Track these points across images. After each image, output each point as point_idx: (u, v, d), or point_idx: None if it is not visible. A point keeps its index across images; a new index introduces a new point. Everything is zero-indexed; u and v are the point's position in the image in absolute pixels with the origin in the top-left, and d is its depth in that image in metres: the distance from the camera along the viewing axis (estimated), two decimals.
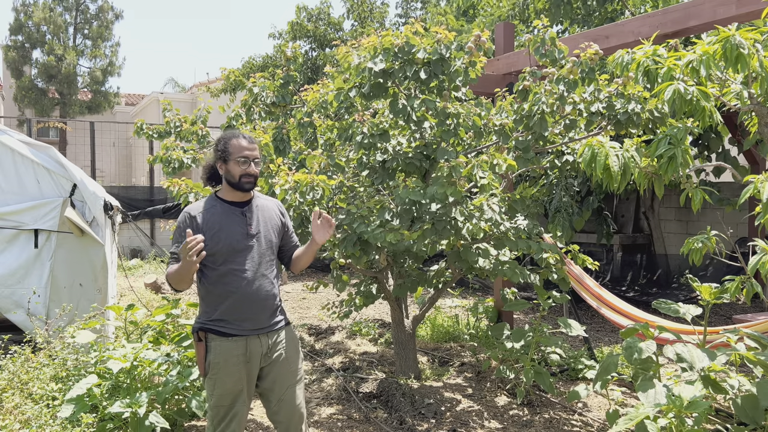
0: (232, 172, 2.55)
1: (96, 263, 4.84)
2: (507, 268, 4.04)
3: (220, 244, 2.51)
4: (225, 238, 2.52)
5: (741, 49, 2.75)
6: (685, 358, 2.79)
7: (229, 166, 2.55)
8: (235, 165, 2.53)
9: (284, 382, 2.63)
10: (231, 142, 2.56)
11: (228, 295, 2.52)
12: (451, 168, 3.48)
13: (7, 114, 20.47)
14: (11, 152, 4.72)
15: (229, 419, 2.55)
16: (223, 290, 2.53)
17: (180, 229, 2.54)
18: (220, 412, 2.55)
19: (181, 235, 2.50)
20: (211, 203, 2.60)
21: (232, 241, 2.53)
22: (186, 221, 2.54)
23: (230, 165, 2.54)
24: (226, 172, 2.57)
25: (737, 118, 4.82)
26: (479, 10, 10.64)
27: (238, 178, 2.54)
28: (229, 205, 2.59)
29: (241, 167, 2.53)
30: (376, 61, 3.69)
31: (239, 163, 2.53)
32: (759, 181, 2.80)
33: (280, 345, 2.64)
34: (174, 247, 2.55)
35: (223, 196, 2.62)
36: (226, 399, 2.54)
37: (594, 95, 3.88)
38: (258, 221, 2.62)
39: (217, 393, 2.54)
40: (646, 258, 8.96)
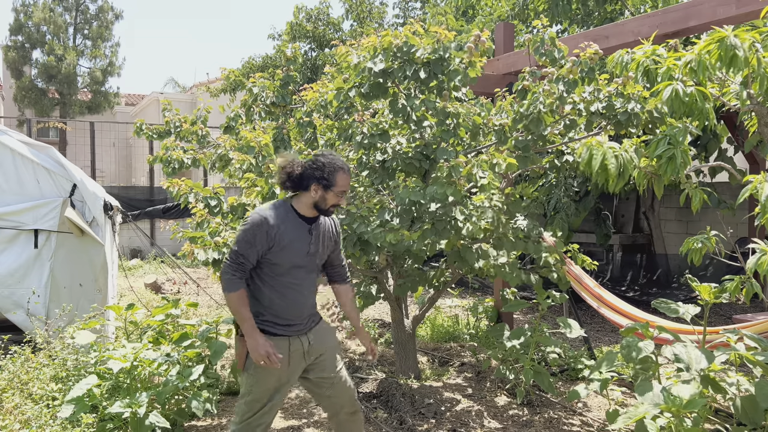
0: (326, 200, 2.61)
1: (96, 263, 4.84)
2: (506, 269, 4.04)
3: (285, 258, 2.59)
4: (290, 254, 2.60)
5: (736, 50, 2.75)
6: (683, 359, 2.79)
7: (327, 194, 2.60)
8: (334, 196, 2.61)
9: (332, 369, 2.77)
10: (339, 174, 2.59)
11: (280, 302, 2.63)
12: (450, 168, 3.48)
13: (7, 114, 20.47)
14: (11, 152, 4.73)
15: (261, 414, 2.65)
16: (276, 296, 2.62)
17: (253, 232, 2.53)
18: (255, 407, 2.64)
19: (254, 236, 2.52)
20: (285, 213, 2.61)
21: (296, 257, 2.63)
22: (262, 227, 2.54)
23: (329, 194, 2.60)
24: (321, 198, 2.61)
25: (737, 119, 4.83)
26: (478, 11, 10.64)
27: (327, 207, 2.63)
28: (301, 220, 2.64)
29: (337, 198, 2.62)
30: (375, 61, 3.69)
31: (338, 195, 2.62)
32: (758, 181, 2.80)
33: (319, 340, 2.75)
34: (243, 248, 2.53)
35: (297, 208, 2.64)
36: (264, 396, 2.63)
37: (594, 95, 3.88)
38: (318, 240, 2.70)
39: (257, 390, 2.62)
40: (646, 258, 8.97)
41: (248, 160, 4.33)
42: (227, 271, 2.54)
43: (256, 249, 2.54)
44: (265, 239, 2.53)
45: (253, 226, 2.54)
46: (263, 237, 2.52)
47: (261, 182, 3.99)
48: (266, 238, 2.53)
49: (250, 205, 4.20)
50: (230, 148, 4.61)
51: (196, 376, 3.53)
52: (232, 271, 2.53)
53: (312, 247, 2.66)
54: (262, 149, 4.37)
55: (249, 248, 2.53)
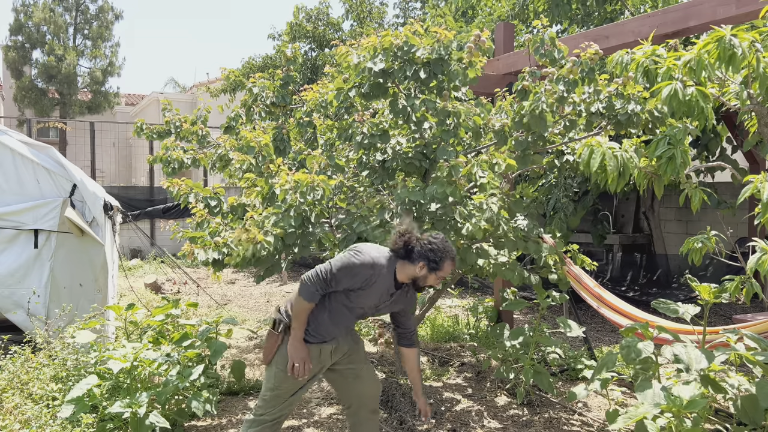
0: (426, 279, 2.70)
1: (96, 263, 4.84)
2: (506, 269, 4.04)
3: (359, 299, 2.70)
4: (366, 300, 2.71)
5: (734, 49, 2.75)
6: (683, 360, 2.79)
7: (429, 275, 2.68)
8: (435, 279, 2.70)
9: (358, 361, 2.91)
10: (447, 262, 2.69)
11: (331, 324, 2.74)
12: (450, 168, 3.48)
13: (7, 114, 20.47)
14: (11, 152, 4.73)
15: (284, 407, 2.78)
16: (328, 318, 2.72)
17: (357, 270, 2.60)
18: (279, 401, 2.76)
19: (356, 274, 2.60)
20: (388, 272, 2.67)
21: (370, 304, 2.75)
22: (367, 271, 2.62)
23: (431, 275, 2.69)
24: (423, 276, 2.68)
25: (737, 119, 4.83)
26: (478, 11, 10.64)
27: (422, 284, 2.72)
28: (393, 283, 2.71)
29: (433, 281, 2.72)
30: (375, 61, 3.69)
31: (438, 278, 2.71)
32: (758, 180, 2.80)
33: (345, 338, 2.86)
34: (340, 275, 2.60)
35: (398, 272, 2.70)
36: (289, 391, 2.76)
37: (594, 95, 3.87)
38: (392, 302, 2.80)
39: (284, 386, 2.73)
40: (646, 258, 8.96)
41: (248, 160, 4.34)
42: (314, 282, 2.61)
43: (349, 283, 2.63)
44: (361, 281, 2.62)
45: (362, 265, 2.61)
46: (361, 278, 2.62)
47: (261, 182, 3.99)
48: (362, 281, 2.62)
49: (250, 205, 4.21)
50: (230, 148, 4.61)
51: (196, 376, 3.53)
52: (318, 286, 2.62)
53: (383, 306, 2.79)
54: (262, 149, 4.38)
55: (344, 278, 2.62)
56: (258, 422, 2.76)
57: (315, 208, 3.70)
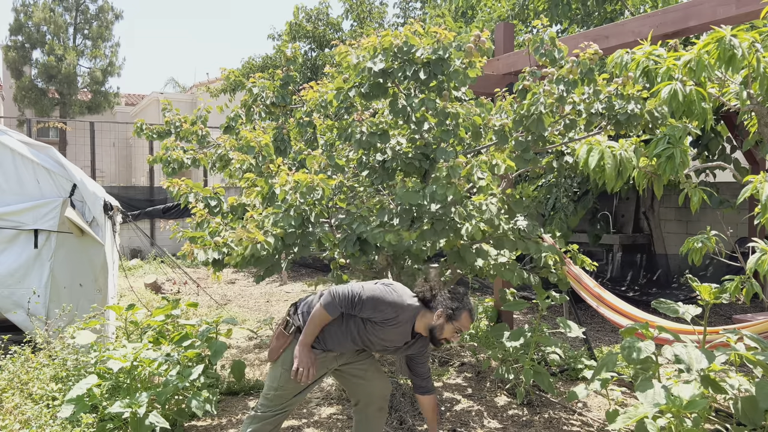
0: (443, 330, 2.70)
1: (96, 263, 4.84)
2: (506, 269, 4.04)
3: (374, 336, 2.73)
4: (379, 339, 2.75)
5: (734, 49, 2.75)
6: (683, 360, 2.79)
7: (446, 325, 2.69)
8: (450, 329, 2.69)
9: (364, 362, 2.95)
10: (465, 313, 2.71)
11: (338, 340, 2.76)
12: (449, 168, 3.48)
13: (7, 114, 20.47)
14: (11, 152, 4.72)
15: (286, 405, 2.81)
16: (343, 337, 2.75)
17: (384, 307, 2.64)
18: (282, 400, 2.79)
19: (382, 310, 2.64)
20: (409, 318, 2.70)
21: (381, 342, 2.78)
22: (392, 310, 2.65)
23: (448, 326, 2.69)
24: (439, 326, 2.70)
25: (737, 118, 4.83)
26: (478, 11, 10.64)
27: (438, 337, 2.71)
28: (410, 332, 2.74)
29: (450, 333, 2.70)
30: (375, 61, 3.69)
31: (454, 331, 2.70)
32: (758, 181, 2.80)
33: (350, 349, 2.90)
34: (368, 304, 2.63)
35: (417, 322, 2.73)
36: (292, 392, 2.79)
37: (593, 95, 3.87)
38: (406, 347, 2.83)
39: (288, 386, 2.76)
40: (646, 258, 8.96)
41: (248, 160, 4.34)
42: (341, 300, 2.64)
43: (370, 314, 2.66)
44: (383, 317, 2.65)
45: (392, 304, 2.65)
46: (384, 315, 2.65)
47: (261, 182, 3.99)
48: (384, 318, 2.65)
49: (250, 205, 4.21)
50: (230, 148, 4.61)
51: (196, 376, 3.53)
52: (343, 303, 2.65)
53: (392, 349, 2.82)
54: (262, 149, 4.37)
55: (370, 308, 2.65)
56: (259, 418, 2.79)
57: (315, 208, 3.70)
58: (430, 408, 2.98)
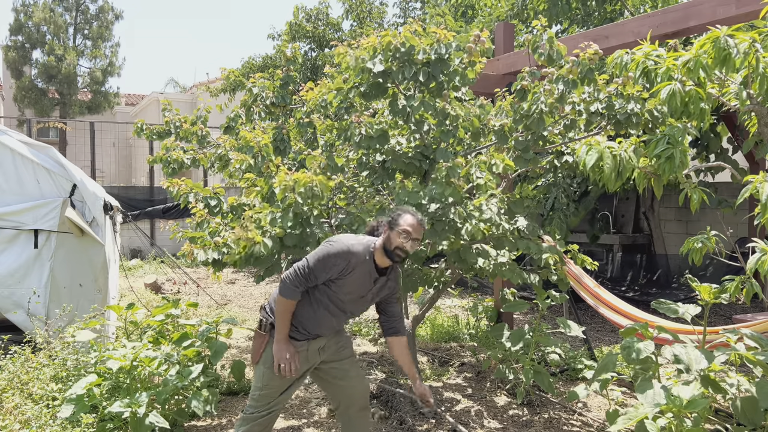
0: (391, 241, 2.69)
1: (96, 263, 4.84)
2: (506, 269, 4.03)
3: (344, 292, 2.71)
4: (350, 292, 2.72)
5: (729, 49, 2.75)
6: (683, 360, 2.79)
7: (391, 234, 2.69)
8: (397, 236, 2.68)
9: (346, 360, 2.92)
10: (404, 216, 2.72)
11: (318, 320, 2.75)
12: (449, 169, 3.48)
13: (7, 114, 20.47)
14: (11, 152, 4.72)
15: (274, 404, 2.79)
16: (316, 315, 2.74)
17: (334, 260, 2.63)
18: (269, 399, 2.77)
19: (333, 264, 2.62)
20: (365, 258, 2.70)
21: (352, 296, 2.75)
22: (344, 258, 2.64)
23: (393, 234, 2.69)
24: (387, 238, 2.70)
25: (737, 119, 4.83)
26: (478, 11, 10.64)
27: (392, 248, 2.69)
28: (374, 267, 2.73)
29: (400, 240, 2.67)
30: (375, 62, 3.69)
31: (401, 235, 2.68)
32: (758, 181, 2.80)
33: (334, 336, 2.89)
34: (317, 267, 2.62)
35: (375, 253, 2.73)
36: (278, 390, 2.77)
37: (593, 95, 3.87)
38: (378, 289, 2.81)
39: (273, 384, 2.75)
40: (646, 258, 8.97)
41: (247, 161, 4.33)
42: (293, 280, 2.64)
43: (327, 274, 2.65)
44: (339, 269, 2.64)
45: (338, 254, 2.63)
46: (338, 267, 2.64)
47: (261, 182, 3.98)
48: (339, 270, 2.64)
49: (250, 205, 4.20)
50: (230, 148, 4.61)
51: (196, 376, 3.53)
52: (297, 282, 2.64)
53: (369, 295, 2.78)
54: (262, 149, 4.37)
55: (321, 269, 2.64)
56: (248, 420, 2.79)
57: (315, 208, 3.70)
58: (403, 351, 2.95)
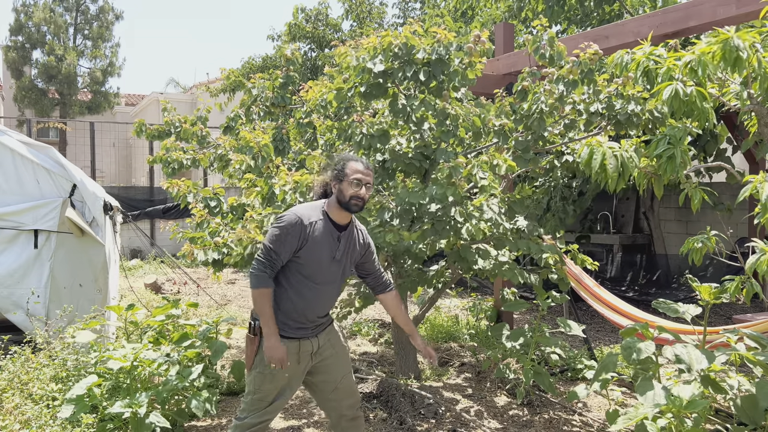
0: (344, 192, 2.63)
1: (96, 263, 4.84)
2: (506, 269, 4.04)
3: (312, 260, 2.63)
4: (318, 257, 2.64)
5: (740, 51, 2.75)
6: (684, 360, 2.79)
7: (342, 186, 2.63)
8: (348, 186, 2.62)
9: (338, 372, 2.81)
10: (349, 164, 2.66)
11: (299, 302, 2.65)
12: (450, 168, 3.48)
13: (7, 114, 20.47)
14: (11, 153, 4.72)
15: (265, 411, 2.69)
16: (297, 297, 2.65)
17: (287, 230, 2.57)
18: (261, 405, 2.68)
19: (287, 234, 2.56)
20: (319, 216, 2.65)
21: (321, 261, 2.65)
22: (296, 225, 2.58)
23: (344, 185, 2.63)
24: (339, 192, 2.65)
25: (737, 119, 4.83)
26: (477, 11, 10.65)
27: (348, 199, 2.62)
28: (332, 226, 2.67)
29: (352, 188, 2.62)
30: (375, 62, 3.69)
31: (352, 184, 2.62)
32: (758, 181, 2.80)
33: (328, 342, 2.80)
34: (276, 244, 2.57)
35: (330, 213, 2.68)
36: (271, 394, 2.68)
37: (593, 95, 3.87)
38: (346, 248, 2.73)
39: (265, 389, 2.66)
40: (646, 258, 8.97)
41: (247, 161, 4.34)
42: (258, 268, 2.57)
43: (288, 247, 2.58)
44: (297, 238, 2.57)
45: (288, 224, 2.58)
46: (296, 235, 2.57)
47: (260, 182, 3.99)
48: (298, 237, 2.57)
49: (250, 205, 4.21)
50: (230, 148, 4.61)
51: (196, 376, 3.53)
52: (263, 268, 2.57)
53: (338, 254, 2.69)
54: (262, 150, 4.38)
55: (281, 246, 2.57)
56: (241, 427, 2.70)
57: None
58: (398, 306, 2.90)
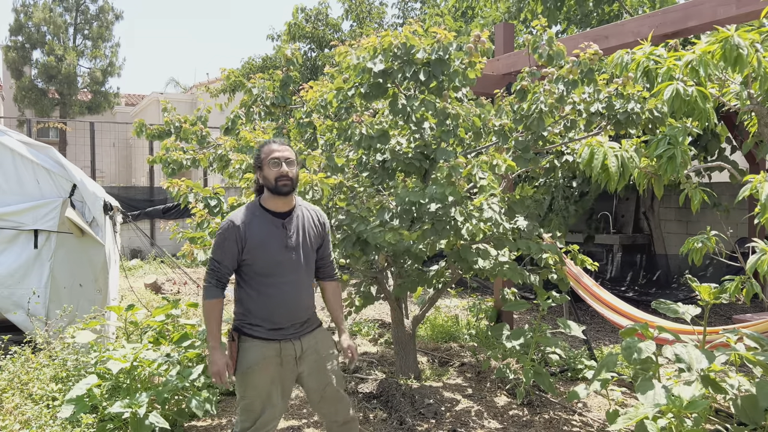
0: (267, 177, 2.56)
1: (96, 263, 4.84)
2: (507, 269, 4.04)
3: (260, 257, 2.55)
4: (265, 252, 2.55)
5: (740, 49, 2.75)
6: (684, 359, 2.79)
7: (264, 172, 2.57)
8: (268, 169, 2.55)
9: (322, 380, 2.69)
10: (262, 149, 2.60)
11: (264, 303, 2.57)
12: (450, 168, 3.48)
13: (7, 114, 20.47)
14: (11, 153, 4.72)
15: (260, 423, 2.57)
16: (260, 298, 2.57)
17: (223, 237, 2.54)
18: (251, 416, 2.58)
19: (224, 240, 2.53)
20: (253, 212, 2.59)
21: (272, 254, 2.56)
22: (230, 230, 2.54)
23: (265, 170, 2.56)
24: (264, 179, 2.58)
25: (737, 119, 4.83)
26: (477, 12, 10.65)
27: (274, 182, 2.54)
28: (272, 216, 2.59)
29: (273, 170, 2.54)
30: (375, 62, 3.69)
31: (271, 165, 2.54)
32: (758, 180, 2.80)
33: (313, 347, 2.67)
34: (217, 253, 2.55)
35: (265, 204, 2.61)
36: (257, 401, 2.57)
37: (593, 95, 3.87)
38: (298, 233, 2.63)
39: (249, 394, 2.57)
40: (646, 258, 8.97)
41: (247, 161, 4.33)
42: (206, 279, 2.55)
43: (229, 252, 2.53)
44: (233, 241, 2.52)
45: (222, 231, 2.55)
46: (232, 239, 2.52)
47: None
48: (236, 240, 2.52)
49: None
50: (230, 148, 4.61)
51: (196, 376, 3.53)
52: (209, 278, 2.55)
53: (290, 241, 2.59)
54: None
55: (222, 254, 2.53)
56: None
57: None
58: (336, 297, 2.82)
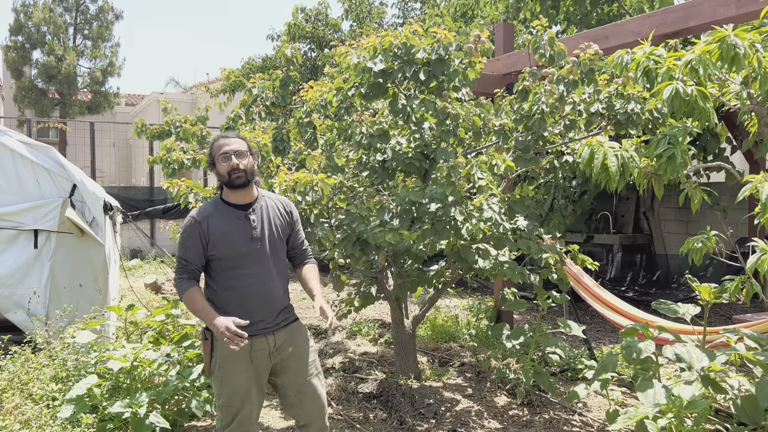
0: (220, 173, 2.57)
1: (96, 263, 4.84)
2: (507, 269, 4.04)
3: (225, 250, 2.55)
4: (230, 245, 2.55)
5: (737, 49, 2.75)
6: (684, 359, 2.79)
7: (217, 169, 2.58)
8: (220, 164, 2.56)
9: (300, 375, 2.66)
10: (213, 145, 2.62)
11: (234, 297, 2.55)
12: (450, 168, 3.48)
13: (7, 114, 20.47)
14: (11, 153, 4.72)
15: (238, 421, 2.56)
16: (229, 292, 2.56)
17: (186, 234, 2.56)
18: (230, 412, 2.56)
19: (187, 237, 2.54)
20: (215, 207, 2.61)
21: (237, 246, 2.55)
22: (192, 226, 2.55)
23: (217, 166, 2.57)
24: (218, 175, 2.59)
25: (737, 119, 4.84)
26: (477, 12, 10.66)
27: (227, 176, 2.54)
28: (233, 209, 2.59)
29: (224, 164, 2.54)
30: (375, 62, 3.69)
31: (221, 160, 2.55)
32: (758, 180, 2.80)
33: (288, 341, 2.64)
34: (182, 251, 2.57)
35: (227, 198, 2.63)
36: (234, 399, 2.55)
37: (594, 95, 3.87)
38: (263, 223, 2.62)
39: (225, 393, 2.55)
40: (646, 258, 8.97)
41: None
42: (175, 277, 2.57)
43: (194, 249, 2.54)
44: (197, 237, 2.53)
45: (185, 228, 2.56)
46: (195, 235, 2.53)
47: (260, 182, 3.98)
48: (198, 236, 2.53)
49: None
50: None
51: (196, 376, 3.53)
52: (179, 274, 2.56)
53: (255, 233, 2.57)
54: (262, 149, 4.37)
55: (186, 250, 2.55)
56: None
57: (315, 208, 3.70)
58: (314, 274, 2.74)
